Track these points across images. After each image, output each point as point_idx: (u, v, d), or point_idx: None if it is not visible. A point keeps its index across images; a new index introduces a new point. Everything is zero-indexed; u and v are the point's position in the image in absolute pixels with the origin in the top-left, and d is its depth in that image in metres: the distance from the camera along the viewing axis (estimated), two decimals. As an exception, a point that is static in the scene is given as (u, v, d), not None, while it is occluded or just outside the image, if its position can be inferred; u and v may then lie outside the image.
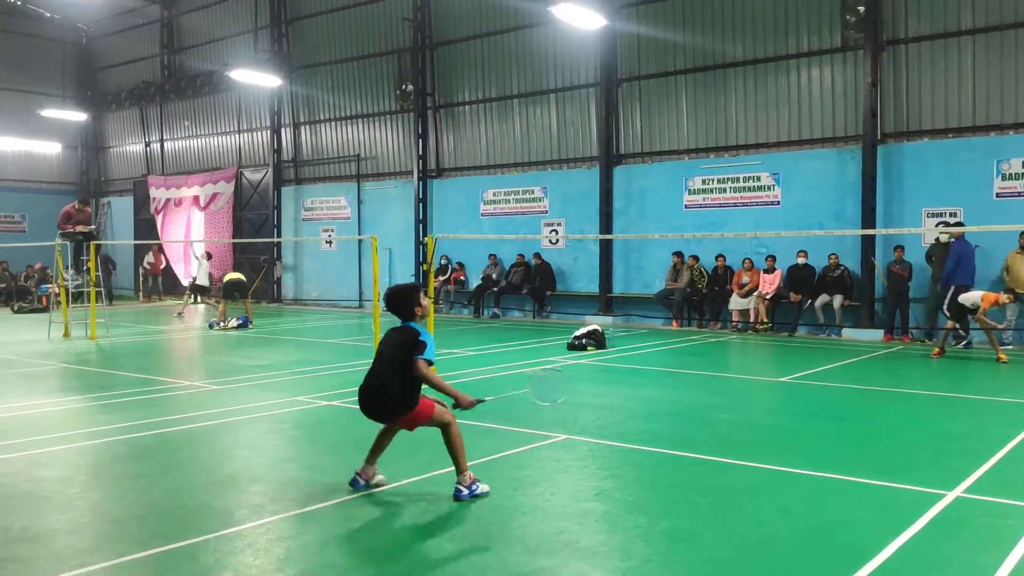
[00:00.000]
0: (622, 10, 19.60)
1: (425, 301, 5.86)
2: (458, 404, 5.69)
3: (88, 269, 16.90)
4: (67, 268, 18.28)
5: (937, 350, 13.38)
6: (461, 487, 5.60)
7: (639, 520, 5.22)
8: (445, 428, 5.70)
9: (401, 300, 5.77)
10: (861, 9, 16.46)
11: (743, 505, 5.55)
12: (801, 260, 16.75)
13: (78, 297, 18.28)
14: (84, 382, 11.30)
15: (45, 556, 4.59)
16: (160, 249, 29.18)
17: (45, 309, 22.31)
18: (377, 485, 5.87)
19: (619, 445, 7.20)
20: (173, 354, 15.00)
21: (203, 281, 22.03)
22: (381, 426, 5.99)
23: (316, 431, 7.99)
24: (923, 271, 15.73)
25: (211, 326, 18.41)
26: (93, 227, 18.54)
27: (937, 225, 15.78)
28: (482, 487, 5.66)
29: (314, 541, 4.86)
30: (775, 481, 6.13)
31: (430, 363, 5.53)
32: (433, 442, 7.38)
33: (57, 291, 21.65)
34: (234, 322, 18.34)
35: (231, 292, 18.72)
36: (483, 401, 5.83)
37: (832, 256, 16.45)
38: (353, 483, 5.86)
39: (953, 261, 14.47)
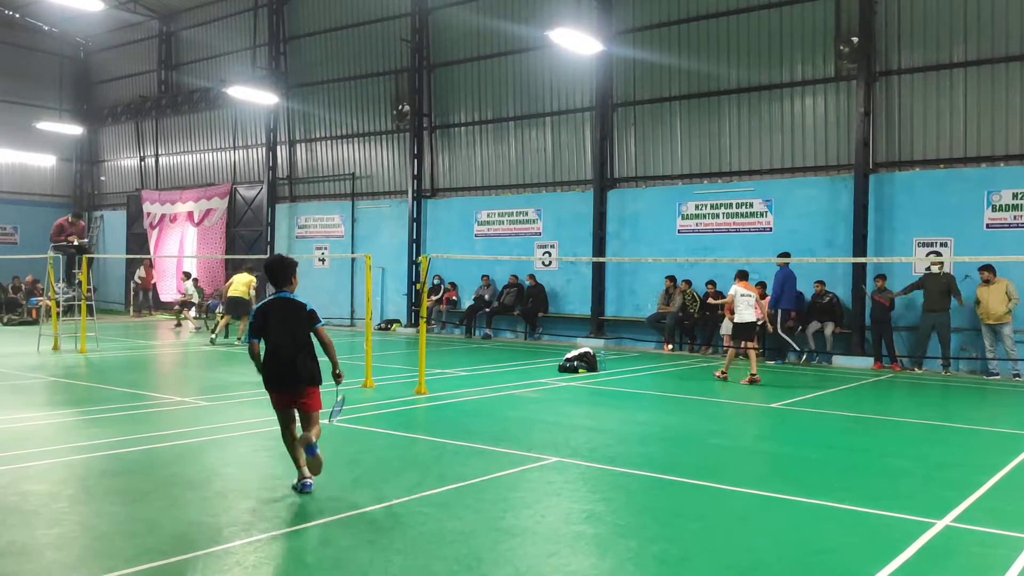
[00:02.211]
0: (618, 36, 19.78)
1: (296, 279, 6.57)
2: (338, 372, 6.50)
3: (80, 282, 16.85)
4: (58, 281, 18.22)
5: (750, 377, 13.26)
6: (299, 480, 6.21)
7: (630, 544, 5.22)
8: (317, 421, 6.35)
9: (286, 268, 6.49)
10: (855, 40, 16.66)
11: (733, 531, 5.55)
12: (792, 286, 16.80)
13: (69, 310, 18.21)
14: (73, 396, 11.24)
15: (32, 571, 4.55)
16: (151, 264, 29.11)
17: (35, 322, 22.20)
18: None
19: (610, 468, 7.19)
20: (163, 369, 14.94)
21: (194, 300, 22.45)
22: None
23: (306, 449, 7.95)
24: (911, 299, 15.82)
25: (212, 342, 18.34)
26: (86, 240, 18.53)
27: (928, 255, 15.89)
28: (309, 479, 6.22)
29: (304, 560, 4.84)
30: (765, 507, 6.14)
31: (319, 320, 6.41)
32: (422, 462, 7.38)
33: (48, 304, 21.64)
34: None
35: (232, 308, 18.64)
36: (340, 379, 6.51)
37: (818, 284, 16.51)
38: (304, 487, 6.19)
39: (779, 287, 15.99)
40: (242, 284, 18.73)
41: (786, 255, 15.10)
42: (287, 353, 6.25)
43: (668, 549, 5.14)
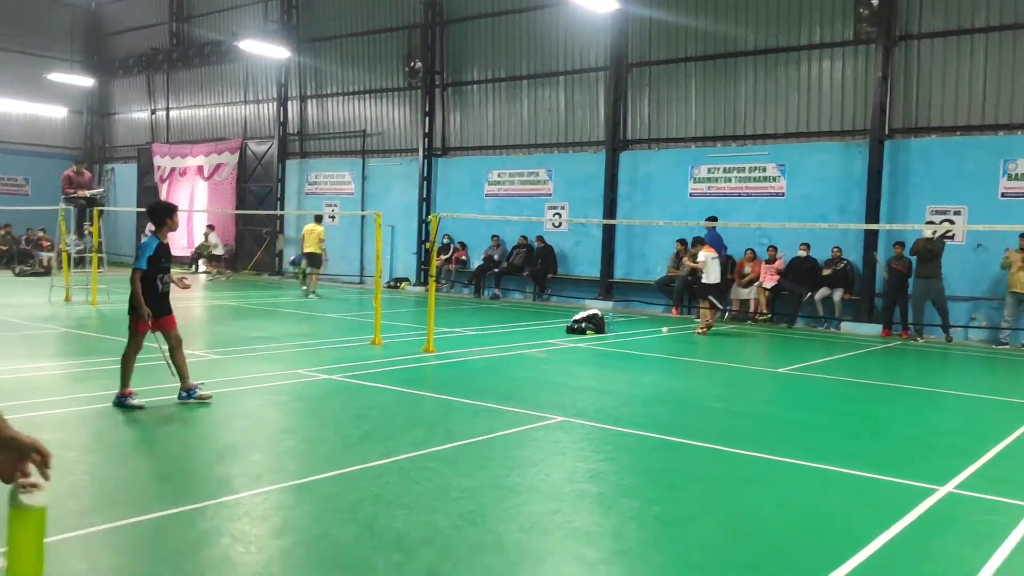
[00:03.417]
0: (635, -6, 19.49)
1: (172, 222, 7.76)
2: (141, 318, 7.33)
3: (91, 234, 16.91)
4: (70, 233, 18.27)
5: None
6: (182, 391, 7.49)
7: (633, 503, 5.28)
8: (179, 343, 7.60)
9: (156, 212, 7.85)
10: (875, 3, 16.38)
11: (736, 493, 5.61)
12: (803, 252, 16.75)
13: (80, 262, 18.30)
14: (85, 347, 11.35)
15: (45, 517, 4.63)
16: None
17: (46, 273, 22.34)
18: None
19: (615, 429, 7.25)
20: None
21: (217, 252, 23.39)
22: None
23: (316, 404, 8.05)
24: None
25: (306, 294, 19.76)
26: (101, 190, 18.57)
27: (941, 223, 15.78)
28: (204, 393, 7.55)
29: (311, 511, 4.91)
30: (769, 470, 6.18)
31: (141, 270, 7.40)
32: (429, 419, 7.45)
33: (52, 256, 21.89)
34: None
35: (312, 261, 20.26)
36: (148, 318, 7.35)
37: (835, 249, 16.45)
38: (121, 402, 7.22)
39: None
40: (314, 238, 20.21)
41: (713, 219, 15.44)
42: (166, 288, 7.67)
43: (670, 509, 5.20)
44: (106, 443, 6.35)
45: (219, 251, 23.91)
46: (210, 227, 25.77)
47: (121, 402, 7.24)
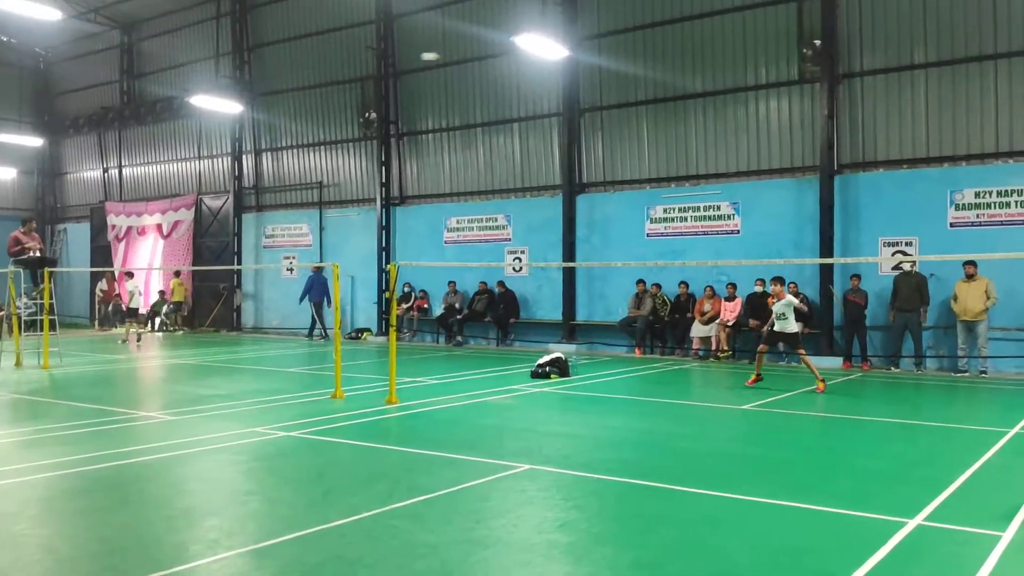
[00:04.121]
0: (584, 42, 19.82)
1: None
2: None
3: (40, 296, 16.52)
4: (19, 296, 17.85)
5: None
6: None
7: (604, 551, 5.17)
8: None
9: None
10: (817, 43, 16.81)
11: (707, 535, 5.53)
12: (759, 288, 16.87)
13: (31, 325, 17.85)
14: (36, 412, 11.00)
15: (-11, 597, 4.41)
16: (113, 276, 28.65)
17: (-4, 337, 21.73)
18: None
19: (583, 475, 7.15)
20: (128, 384, 14.67)
21: (136, 305, 22.68)
22: None
23: (275, 462, 7.83)
24: (879, 298, 15.96)
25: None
26: (49, 252, 18.22)
27: (893, 254, 16.06)
28: None
29: (271, 577, 4.73)
30: (738, 510, 6.12)
31: None
32: (392, 474, 7.29)
33: (7, 319, 21.28)
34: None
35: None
36: None
37: (792, 284, 16.59)
38: None
39: (307, 286, 23.41)
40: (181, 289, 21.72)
41: (320, 266, 20.31)
42: None
43: (642, 555, 5.10)
44: (57, 514, 6.10)
45: (137, 302, 22.91)
46: (128, 274, 25.76)
47: None
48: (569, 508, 6.18)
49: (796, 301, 13.29)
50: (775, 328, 13.20)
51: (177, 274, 26.05)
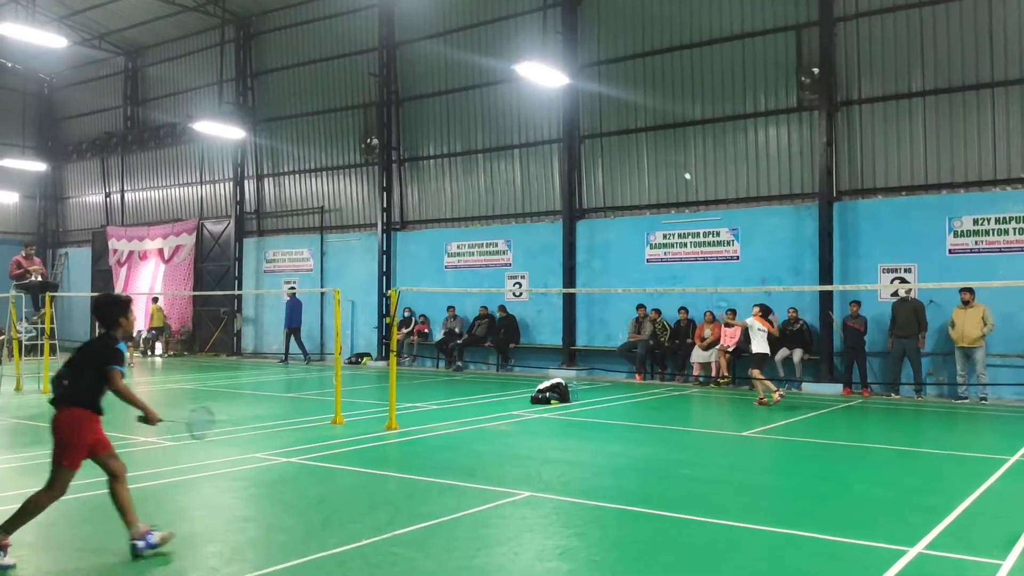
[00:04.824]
0: (584, 69, 20.00)
1: (127, 323, 5.84)
2: (147, 418, 5.83)
3: (41, 320, 16.55)
4: (20, 320, 17.89)
5: None
6: (137, 541, 5.56)
7: (603, 580, 5.16)
8: (115, 478, 5.67)
9: (104, 308, 5.80)
10: (816, 71, 16.96)
11: (706, 563, 5.52)
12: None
13: (32, 350, 17.86)
14: (36, 438, 10.97)
15: (-12, 624, 4.40)
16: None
17: (-4, 362, 21.75)
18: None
19: (583, 502, 7.14)
20: (128, 408, 14.62)
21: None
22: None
23: (274, 489, 7.82)
24: (879, 325, 15.99)
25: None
26: (51, 276, 18.32)
27: (892, 281, 16.11)
28: (158, 535, 5.64)
29: (271, 605, 4.72)
30: (738, 538, 6.11)
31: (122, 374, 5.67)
32: (393, 501, 7.28)
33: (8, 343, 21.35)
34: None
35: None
36: (165, 421, 5.92)
37: (790, 311, 16.66)
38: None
39: (288, 310, 23.50)
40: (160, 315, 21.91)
41: (293, 289, 21.67)
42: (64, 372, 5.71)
43: (642, 584, 5.09)
44: (55, 541, 6.09)
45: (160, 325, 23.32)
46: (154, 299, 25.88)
47: None
48: (570, 535, 6.18)
49: (758, 324, 14.14)
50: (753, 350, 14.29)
51: (156, 299, 25.90)
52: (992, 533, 6.28)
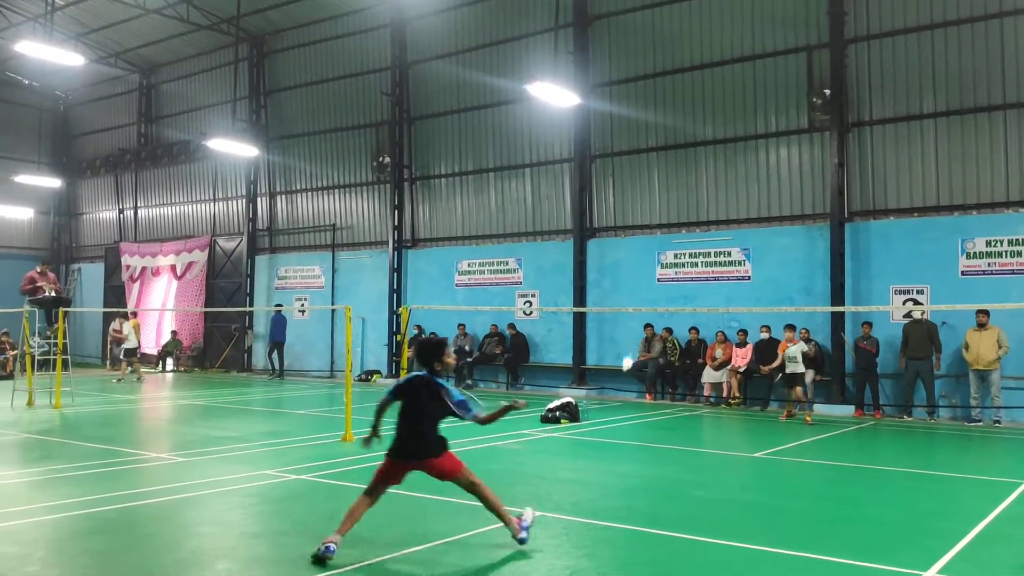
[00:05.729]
0: (595, 89, 20.08)
1: (449, 359, 6.54)
2: (512, 407, 6.72)
3: (54, 335, 16.63)
4: (33, 335, 17.98)
5: None
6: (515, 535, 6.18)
7: (614, 601, 5.13)
8: (472, 487, 6.29)
9: (428, 352, 6.47)
10: (827, 92, 16.99)
11: (719, 585, 5.48)
12: (765, 335, 16.79)
13: (44, 364, 17.95)
14: (46, 453, 11.02)
15: (-2, 639, 4.41)
16: (126, 317, 28.76)
17: (9, 376, 21.85)
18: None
19: (593, 522, 7.11)
20: (140, 424, 14.70)
21: (132, 344, 22.93)
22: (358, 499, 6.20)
23: (284, 506, 7.82)
24: (890, 346, 15.91)
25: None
26: (64, 291, 18.42)
27: (905, 303, 16.04)
28: (527, 516, 6.33)
29: (281, 623, 4.71)
30: (749, 560, 6.07)
31: (469, 409, 6.44)
32: (403, 519, 7.27)
33: (11, 357, 21.47)
34: None
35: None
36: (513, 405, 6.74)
37: (802, 331, 16.57)
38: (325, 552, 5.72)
39: (273, 325, 24.22)
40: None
41: (279, 305, 22.34)
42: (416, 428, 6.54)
43: (653, 606, 5.06)
44: (66, 555, 6.10)
45: (131, 343, 22.95)
46: (133, 313, 25.64)
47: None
48: (580, 556, 6.15)
49: (806, 347, 14.76)
50: (787, 371, 14.69)
51: (134, 315, 25.64)
52: (1007, 557, 6.22)
